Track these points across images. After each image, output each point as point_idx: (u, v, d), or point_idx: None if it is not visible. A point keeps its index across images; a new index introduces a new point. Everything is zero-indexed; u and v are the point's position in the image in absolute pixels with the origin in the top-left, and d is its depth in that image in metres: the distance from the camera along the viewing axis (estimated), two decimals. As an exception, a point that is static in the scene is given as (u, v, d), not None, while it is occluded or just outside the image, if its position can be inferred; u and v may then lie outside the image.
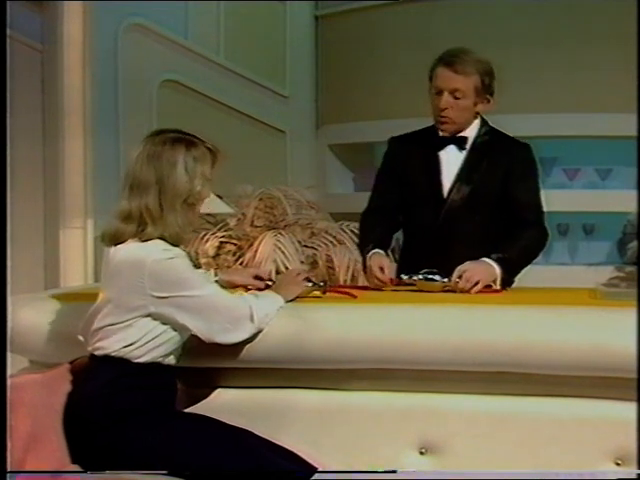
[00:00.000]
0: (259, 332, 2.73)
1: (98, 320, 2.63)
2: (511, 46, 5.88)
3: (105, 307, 2.62)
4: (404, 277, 3.24)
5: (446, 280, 3.19)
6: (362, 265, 3.45)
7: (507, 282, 3.32)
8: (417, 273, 3.21)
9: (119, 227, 2.62)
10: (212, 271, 3.00)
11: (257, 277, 3.06)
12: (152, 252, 2.58)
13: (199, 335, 2.66)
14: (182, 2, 5.88)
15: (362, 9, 6.32)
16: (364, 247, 3.45)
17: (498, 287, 3.25)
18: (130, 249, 2.60)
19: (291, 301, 2.85)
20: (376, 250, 3.37)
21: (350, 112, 6.33)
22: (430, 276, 3.20)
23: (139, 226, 2.60)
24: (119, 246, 2.62)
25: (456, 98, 3.34)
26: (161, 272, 2.57)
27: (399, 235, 3.65)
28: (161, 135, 2.65)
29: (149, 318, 2.61)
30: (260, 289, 2.97)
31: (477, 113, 3.42)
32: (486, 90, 3.38)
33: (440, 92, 3.35)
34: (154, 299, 2.58)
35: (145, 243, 2.60)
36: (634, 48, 4.45)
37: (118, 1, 5.39)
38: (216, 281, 2.92)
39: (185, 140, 2.65)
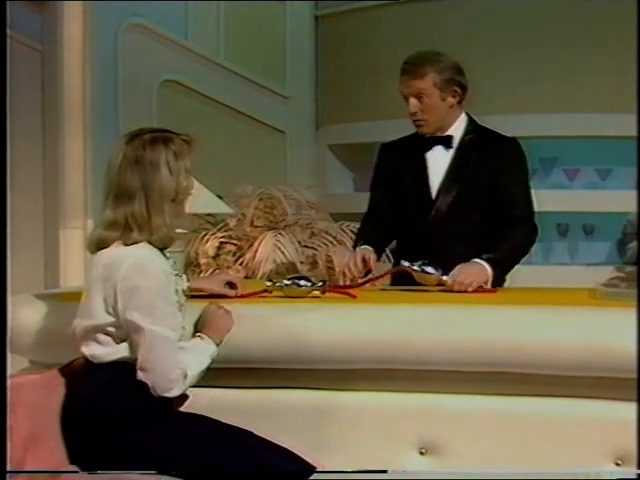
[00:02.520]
0: (255, 334, 2.74)
1: (88, 322, 2.61)
2: (511, 46, 5.88)
3: (93, 310, 2.60)
4: (405, 264, 3.24)
5: (442, 275, 3.19)
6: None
7: (498, 281, 3.32)
8: (415, 263, 3.21)
9: (103, 234, 2.60)
10: (184, 277, 2.88)
11: (228, 284, 3.02)
12: (132, 256, 2.56)
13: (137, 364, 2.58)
14: (182, 2, 5.88)
15: (362, 9, 6.31)
16: (355, 245, 3.52)
17: (489, 287, 3.25)
18: (113, 252, 2.59)
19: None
20: (365, 246, 3.42)
21: (350, 112, 6.33)
22: (426, 268, 3.20)
23: (123, 231, 2.58)
24: (104, 250, 2.61)
25: (420, 100, 3.40)
26: (130, 281, 2.54)
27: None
28: (137, 139, 2.62)
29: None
30: (234, 296, 2.95)
31: (452, 107, 3.43)
32: (449, 83, 3.41)
33: (406, 99, 3.43)
34: (122, 304, 2.55)
35: (128, 247, 2.58)
36: (634, 48, 4.44)
37: (118, 1, 5.39)
38: (188, 287, 2.87)
39: (162, 138, 2.62)
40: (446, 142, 3.45)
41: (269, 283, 3.08)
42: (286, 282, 3.05)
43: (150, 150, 2.59)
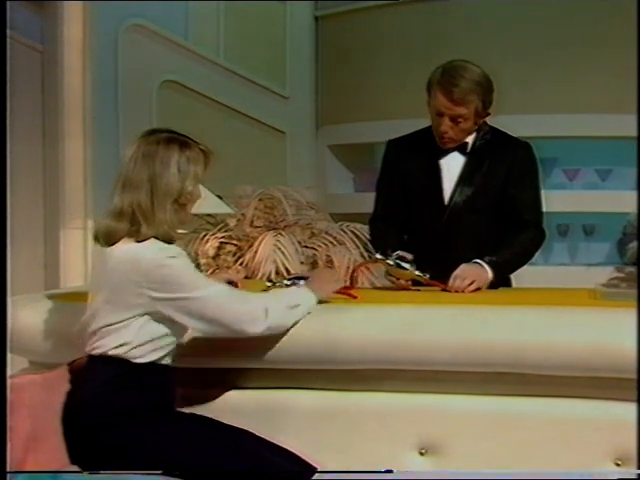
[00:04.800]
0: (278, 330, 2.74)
1: (96, 322, 2.62)
2: (511, 47, 5.88)
3: (102, 308, 2.61)
4: (379, 256, 3.22)
5: (418, 272, 3.17)
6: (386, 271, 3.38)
7: (498, 283, 3.31)
8: (390, 257, 3.18)
9: (111, 225, 2.61)
10: None
11: (229, 282, 3.03)
12: (149, 251, 2.58)
13: (203, 335, 2.66)
14: (182, 2, 5.88)
15: (362, 9, 6.32)
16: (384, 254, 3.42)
17: (484, 289, 3.24)
18: (127, 249, 2.59)
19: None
20: (397, 253, 3.34)
21: (350, 112, 6.33)
22: (401, 263, 3.18)
23: (132, 225, 2.60)
24: (114, 246, 2.61)
25: (456, 123, 3.32)
26: (159, 271, 2.56)
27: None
28: (155, 135, 2.65)
29: (147, 317, 2.60)
30: None
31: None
32: (486, 107, 3.36)
33: (440, 114, 3.33)
34: (151, 299, 2.57)
35: (141, 243, 2.59)
36: (634, 48, 4.45)
37: (118, 1, 5.39)
38: None
39: (179, 140, 2.64)
40: (460, 148, 3.42)
41: (269, 283, 3.08)
42: (286, 282, 3.05)
43: (164, 147, 2.62)
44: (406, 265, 3.18)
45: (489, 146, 3.43)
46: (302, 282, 3.03)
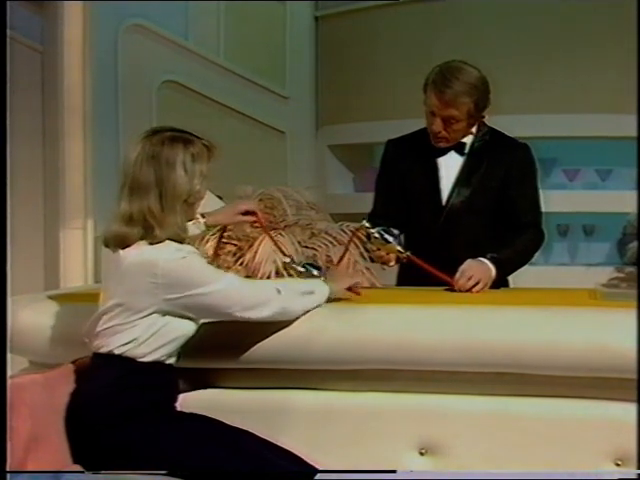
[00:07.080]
0: (257, 334, 2.74)
1: (104, 322, 2.62)
2: (510, 47, 5.88)
3: (113, 310, 2.60)
4: (366, 224, 3.21)
5: (399, 247, 3.16)
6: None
7: (498, 283, 3.31)
8: (376, 227, 3.18)
9: (123, 230, 2.60)
10: (201, 220, 3.02)
11: (246, 212, 3.13)
12: (164, 253, 2.57)
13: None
14: (182, 2, 5.88)
15: (362, 9, 6.31)
16: None
17: (487, 288, 3.23)
18: (141, 252, 2.59)
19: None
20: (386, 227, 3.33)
21: (350, 112, 6.33)
22: (385, 235, 3.17)
23: (144, 229, 2.59)
24: (128, 249, 2.60)
25: (449, 124, 3.33)
26: (174, 272, 2.57)
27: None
28: (158, 135, 2.63)
29: (157, 316, 2.60)
30: (252, 224, 3.02)
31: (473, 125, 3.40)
32: (480, 110, 3.36)
33: (433, 114, 3.34)
34: (165, 300, 2.57)
35: (155, 245, 2.59)
36: (634, 48, 4.45)
37: (118, 1, 5.39)
38: (204, 224, 3.05)
39: (182, 139, 2.64)
40: (458, 148, 3.42)
41: (287, 260, 3.12)
42: (300, 268, 3.08)
43: (168, 147, 2.60)
44: (389, 238, 3.17)
45: (487, 147, 3.43)
46: (315, 272, 3.04)
